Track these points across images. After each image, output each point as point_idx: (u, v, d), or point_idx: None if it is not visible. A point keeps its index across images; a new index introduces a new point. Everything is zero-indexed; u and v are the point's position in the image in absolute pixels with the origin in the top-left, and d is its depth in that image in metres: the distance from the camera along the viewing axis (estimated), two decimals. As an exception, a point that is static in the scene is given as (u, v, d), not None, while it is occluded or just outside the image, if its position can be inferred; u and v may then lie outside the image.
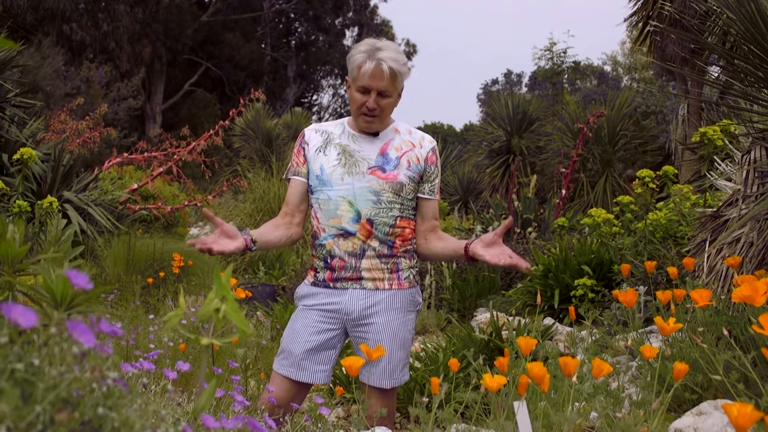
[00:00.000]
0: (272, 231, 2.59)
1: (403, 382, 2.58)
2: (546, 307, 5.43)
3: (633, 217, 5.56)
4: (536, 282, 5.59)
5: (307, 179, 2.64)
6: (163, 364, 3.61)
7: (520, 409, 1.47)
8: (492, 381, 1.45)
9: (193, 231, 13.07)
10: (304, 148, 2.66)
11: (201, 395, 1.10)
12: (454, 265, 6.70)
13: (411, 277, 2.62)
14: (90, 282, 0.84)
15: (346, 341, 2.84)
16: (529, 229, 8.37)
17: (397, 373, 2.55)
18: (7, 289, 1.17)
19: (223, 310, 1.06)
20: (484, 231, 9.35)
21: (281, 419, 2.35)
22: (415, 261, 2.67)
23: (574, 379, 1.82)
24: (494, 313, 4.31)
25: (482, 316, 5.73)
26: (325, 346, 2.56)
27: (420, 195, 2.64)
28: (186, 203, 9.80)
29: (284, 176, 2.73)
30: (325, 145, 2.63)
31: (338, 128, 2.67)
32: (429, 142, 2.67)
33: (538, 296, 2.53)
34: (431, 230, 2.65)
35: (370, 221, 2.53)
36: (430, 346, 4.57)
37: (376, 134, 2.62)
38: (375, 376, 2.51)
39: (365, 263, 2.54)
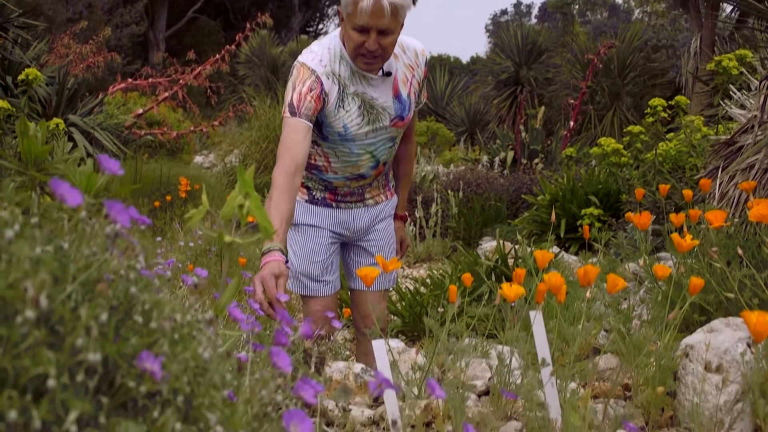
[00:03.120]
0: (292, 210, 2.21)
1: (395, 283, 2.83)
2: (552, 237, 5.45)
3: (643, 147, 5.52)
4: (543, 211, 5.59)
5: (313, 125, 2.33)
6: (174, 281, 3.64)
7: (537, 318, 1.48)
8: (510, 290, 1.46)
9: (198, 159, 13.02)
10: (324, 99, 2.31)
11: (225, 291, 1.11)
12: (461, 193, 6.70)
13: (393, 183, 2.79)
14: (121, 168, 0.83)
15: None
16: (536, 160, 8.34)
17: (394, 273, 2.77)
18: (29, 188, 1.17)
19: (247, 206, 1.05)
20: (490, 162, 9.30)
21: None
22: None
23: (588, 294, 1.83)
24: (500, 240, 4.33)
25: (488, 245, 5.75)
26: (334, 260, 2.68)
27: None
28: (192, 129, 9.76)
29: (295, 112, 2.26)
30: (342, 97, 2.36)
31: (343, 67, 2.35)
32: (421, 54, 2.49)
33: (553, 214, 2.52)
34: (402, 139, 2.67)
35: (384, 163, 2.57)
36: (435, 272, 4.60)
37: (386, 73, 2.41)
38: (380, 281, 2.63)
39: (368, 188, 2.63)
